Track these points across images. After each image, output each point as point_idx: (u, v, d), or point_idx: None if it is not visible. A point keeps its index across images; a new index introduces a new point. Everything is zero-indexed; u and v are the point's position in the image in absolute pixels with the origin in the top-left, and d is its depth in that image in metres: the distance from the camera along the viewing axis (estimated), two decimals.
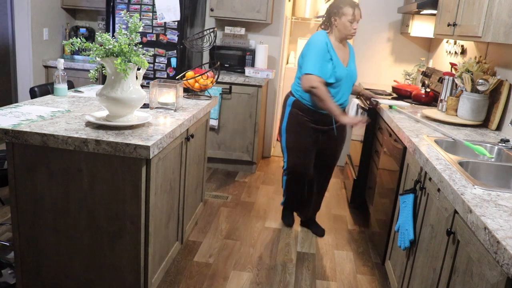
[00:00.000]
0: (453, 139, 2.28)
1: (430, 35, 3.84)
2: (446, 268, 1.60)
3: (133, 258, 1.93)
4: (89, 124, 1.98)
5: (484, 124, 2.69)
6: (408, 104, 3.04)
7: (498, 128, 2.60)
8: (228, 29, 4.46)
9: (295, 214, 3.40)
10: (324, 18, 2.88)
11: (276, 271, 2.70)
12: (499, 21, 2.17)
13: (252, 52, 4.39)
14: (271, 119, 4.79)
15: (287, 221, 3.34)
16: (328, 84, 2.77)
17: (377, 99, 3.25)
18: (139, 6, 4.03)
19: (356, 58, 4.54)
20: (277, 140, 2.95)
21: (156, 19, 3.92)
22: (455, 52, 3.49)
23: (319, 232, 3.23)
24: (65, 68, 2.69)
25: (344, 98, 2.91)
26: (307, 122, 2.90)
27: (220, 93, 4.13)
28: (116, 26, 4.07)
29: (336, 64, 2.77)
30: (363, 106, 3.56)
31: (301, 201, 3.19)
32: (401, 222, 2.15)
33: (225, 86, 4.14)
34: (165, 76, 4.14)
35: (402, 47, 4.50)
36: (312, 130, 2.91)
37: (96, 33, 2.30)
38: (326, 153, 3.06)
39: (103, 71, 1.96)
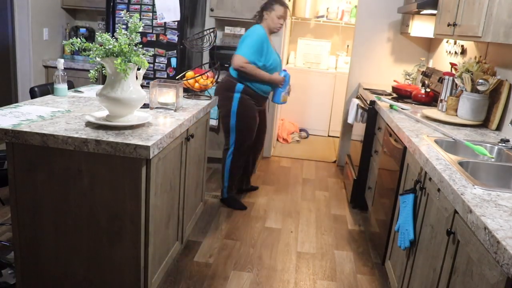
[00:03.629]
0: (453, 139, 2.28)
1: (430, 35, 3.84)
2: (446, 268, 1.60)
3: (133, 258, 1.93)
4: (89, 124, 1.98)
5: (484, 124, 2.69)
6: (409, 108, 3.06)
7: (498, 128, 2.60)
8: (228, 29, 4.46)
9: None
10: (257, 12, 3.36)
11: (276, 271, 2.70)
12: (499, 21, 2.17)
13: None
14: (271, 119, 4.79)
15: (241, 205, 3.56)
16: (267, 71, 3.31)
17: None
18: (139, 6, 4.03)
19: (356, 58, 4.59)
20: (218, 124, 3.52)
21: (156, 19, 3.92)
22: (455, 52, 3.49)
23: (254, 188, 3.90)
24: (65, 68, 2.69)
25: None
26: (253, 105, 3.36)
27: None
28: (116, 26, 4.07)
29: (271, 54, 3.30)
30: (363, 106, 3.57)
31: (242, 175, 3.67)
32: (401, 222, 2.15)
33: None
34: (165, 76, 4.14)
35: (402, 47, 4.50)
36: (256, 111, 3.40)
37: (96, 33, 2.30)
38: (259, 128, 3.56)
39: (103, 71, 1.96)
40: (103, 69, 1.97)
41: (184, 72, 2.92)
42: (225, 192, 3.54)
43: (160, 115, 2.32)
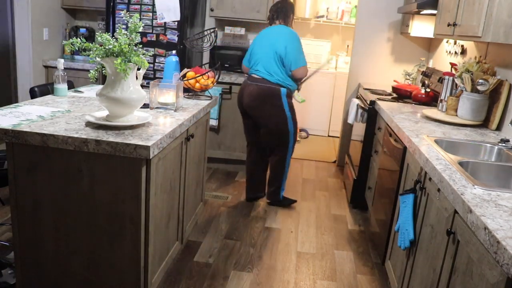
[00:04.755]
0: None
1: (430, 35, 3.84)
2: (446, 268, 1.60)
3: (133, 258, 1.93)
4: (89, 124, 1.98)
5: (484, 124, 2.69)
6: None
7: (498, 128, 2.60)
8: (228, 29, 4.46)
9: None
10: (281, 14, 3.37)
11: (276, 271, 2.70)
12: (499, 21, 2.17)
13: None
14: None
15: (291, 199, 3.69)
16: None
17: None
18: (139, 6, 4.03)
19: (356, 58, 4.59)
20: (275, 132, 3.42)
21: (156, 19, 3.92)
22: (455, 52, 3.49)
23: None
24: (65, 68, 2.69)
25: None
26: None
27: (220, 93, 4.13)
28: (116, 26, 4.07)
29: None
30: (363, 106, 3.57)
31: None
32: (401, 222, 2.15)
33: (225, 86, 4.14)
34: None
35: (402, 47, 4.50)
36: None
37: (96, 33, 2.30)
38: None
39: (103, 71, 1.96)
40: (103, 69, 1.97)
41: (184, 72, 2.92)
42: (282, 194, 3.62)
43: (160, 115, 2.32)
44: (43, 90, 2.82)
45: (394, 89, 3.71)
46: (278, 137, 3.39)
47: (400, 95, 3.60)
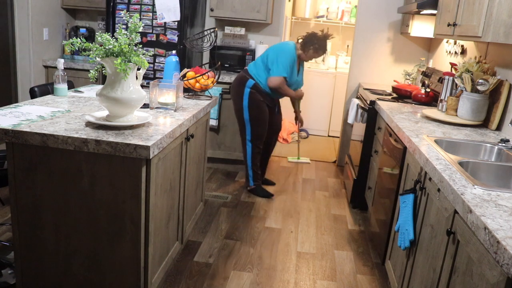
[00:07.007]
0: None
1: (430, 35, 3.84)
2: (446, 268, 1.60)
3: (133, 258, 1.93)
4: (89, 124, 1.98)
5: (484, 124, 2.69)
6: None
7: (498, 128, 2.60)
8: (228, 29, 4.46)
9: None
10: (305, 38, 3.58)
11: (276, 271, 2.70)
12: (499, 21, 2.17)
13: (252, 52, 4.39)
14: None
15: (267, 193, 3.81)
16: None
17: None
18: (139, 6, 4.03)
19: (356, 58, 4.60)
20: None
21: (156, 19, 3.92)
22: (455, 52, 3.49)
23: (271, 182, 4.10)
24: (65, 68, 2.69)
25: None
26: (262, 99, 3.62)
27: (220, 93, 4.13)
28: (116, 26, 4.07)
29: (293, 73, 3.61)
30: (363, 106, 3.57)
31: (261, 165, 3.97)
32: (401, 222, 2.15)
33: (225, 86, 4.14)
34: None
35: (402, 47, 4.50)
36: (264, 104, 3.65)
37: (96, 33, 2.30)
38: (273, 123, 3.87)
39: (103, 71, 1.97)
40: (103, 69, 1.97)
41: (184, 72, 2.92)
42: (251, 180, 3.80)
43: (160, 115, 2.32)
44: (43, 90, 2.82)
45: (394, 89, 3.71)
46: (238, 122, 3.74)
47: (400, 95, 3.60)
